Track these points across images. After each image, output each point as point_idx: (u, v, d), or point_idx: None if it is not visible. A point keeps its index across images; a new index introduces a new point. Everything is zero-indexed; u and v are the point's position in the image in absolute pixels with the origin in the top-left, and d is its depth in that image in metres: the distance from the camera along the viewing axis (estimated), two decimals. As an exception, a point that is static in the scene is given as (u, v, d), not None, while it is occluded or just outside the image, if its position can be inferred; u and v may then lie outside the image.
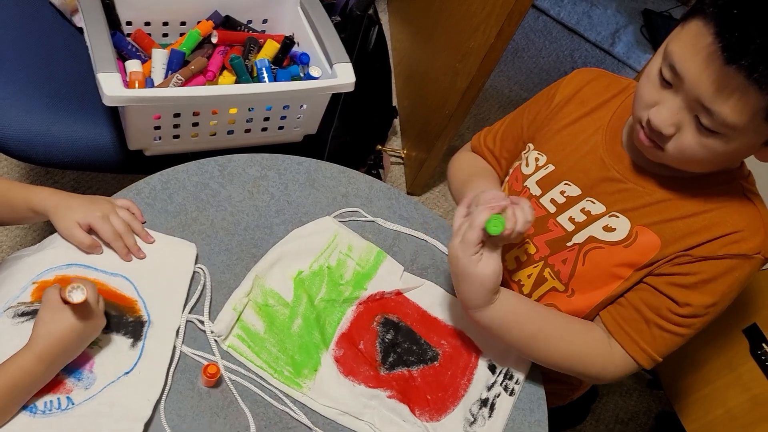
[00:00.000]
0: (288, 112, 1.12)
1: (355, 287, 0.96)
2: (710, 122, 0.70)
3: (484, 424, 0.89)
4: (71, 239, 0.86)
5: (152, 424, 0.78)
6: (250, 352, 0.87)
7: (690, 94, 0.71)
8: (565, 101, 0.95)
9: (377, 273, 0.98)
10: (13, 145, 1.09)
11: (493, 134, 1.08)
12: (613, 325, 0.88)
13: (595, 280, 0.90)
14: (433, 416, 0.88)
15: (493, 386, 0.92)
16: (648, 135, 0.78)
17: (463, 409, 0.89)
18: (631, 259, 0.86)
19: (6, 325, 0.79)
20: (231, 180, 1.02)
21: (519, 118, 1.04)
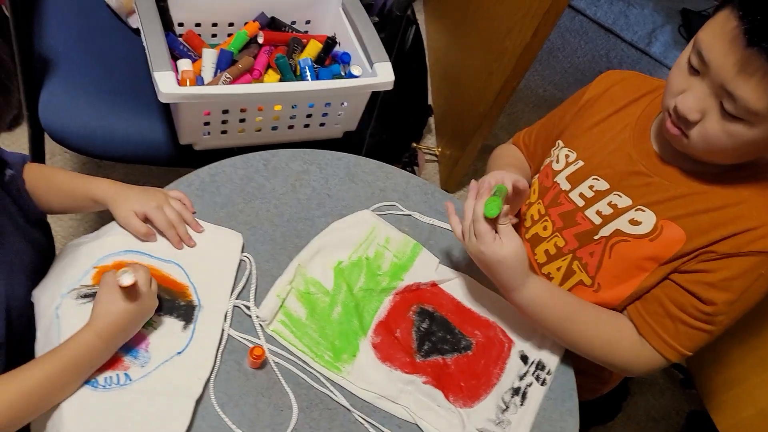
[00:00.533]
0: (329, 109, 1.16)
1: (392, 278, 1.00)
2: (733, 107, 0.73)
3: (516, 411, 0.92)
4: (128, 227, 0.92)
5: (202, 401, 0.83)
6: (292, 336, 0.91)
7: (715, 80, 0.74)
8: (594, 99, 0.98)
9: (413, 265, 1.02)
10: (74, 139, 1.16)
11: (530, 132, 1.13)
12: (639, 321, 0.90)
13: (621, 273, 0.92)
14: (467, 402, 0.91)
15: (524, 376, 0.95)
16: (674, 122, 0.81)
17: (495, 397, 0.92)
18: (656, 253, 0.88)
19: (70, 305, 0.85)
20: (275, 174, 1.07)
21: (552, 118, 1.08)
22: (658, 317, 0.88)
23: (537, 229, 1.03)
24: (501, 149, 1.18)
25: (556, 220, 0.99)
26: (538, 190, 1.04)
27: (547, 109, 1.12)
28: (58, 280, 0.88)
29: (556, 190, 0.99)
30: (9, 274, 0.85)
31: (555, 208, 0.99)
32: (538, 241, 1.02)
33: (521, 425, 0.91)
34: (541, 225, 1.02)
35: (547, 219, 1.01)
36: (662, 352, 0.88)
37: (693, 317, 0.86)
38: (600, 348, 0.92)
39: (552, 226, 1.00)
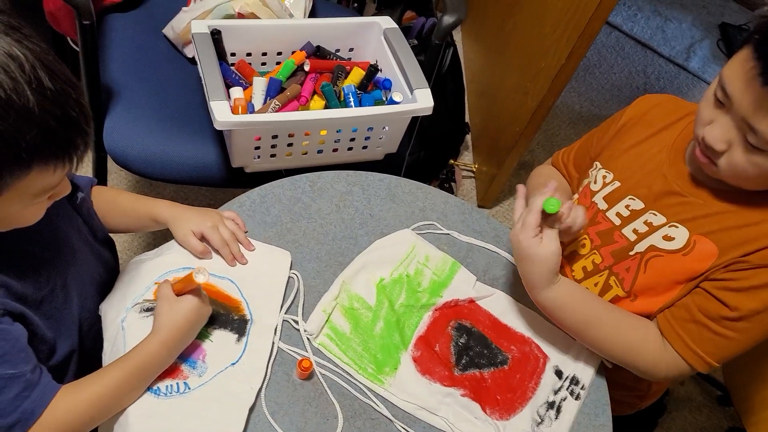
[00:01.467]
0: (371, 133, 1.22)
1: (432, 294, 1.05)
2: (756, 140, 0.77)
3: (551, 425, 0.95)
4: (186, 245, 0.99)
5: (254, 409, 0.88)
6: (337, 350, 0.96)
7: (737, 114, 0.78)
8: (631, 123, 1.02)
9: (452, 282, 1.06)
10: (135, 163, 1.24)
11: (568, 152, 1.17)
12: (664, 324, 0.93)
13: (657, 286, 0.95)
14: (503, 415, 0.95)
15: (559, 390, 0.99)
16: (703, 151, 0.85)
17: (530, 410, 0.96)
18: (689, 267, 0.91)
19: (134, 318, 0.91)
20: (320, 194, 1.13)
21: (591, 139, 1.12)
22: (683, 322, 0.91)
23: (575, 246, 1.06)
24: (541, 170, 1.22)
25: (594, 239, 1.03)
26: None
27: (583, 125, 1.16)
28: (123, 294, 0.95)
29: (594, 210, 1.03)
30: (81, 289, 0.93)
31: (593, 227, 1.03)
32: (576, 258, 1.06)
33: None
34: (579, 243, 1.05)
35: (585, 237, 1.04)
36: (685, 356, 0.90)
37: (716, 322, 0.88)
38: (622, 350, 0.94)
39: (590, 244, 1.03)
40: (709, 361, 0.90)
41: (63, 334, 0.89)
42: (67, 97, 0.68)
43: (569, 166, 1.16)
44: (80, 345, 0.93)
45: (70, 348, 0.91)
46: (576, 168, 1.15)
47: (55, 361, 0.88)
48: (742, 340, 0.89)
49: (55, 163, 0.70)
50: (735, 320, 0.87)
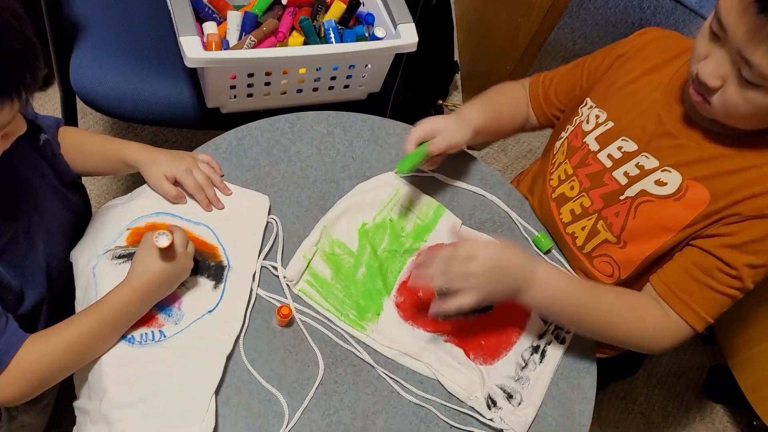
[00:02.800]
0: (353, 71, 1.17)
1: (416, 239, 1.02)
2: (750, 74, 0.73)
3: (535, 368, 0.94)
4: (159, 190, 0.95)
5: (233, 357, 0.87)
6: (318, 296, 0.94)
7: (732, 46, 0.74)
8: (627, 57, 0.97)
9: (437, 226, 1.04)
10: (105, 102, 1.18)
11: (551, 76, 1.11)
12: (664, 290, 0.89)
13: (646, 232, 0.92)
14: (487, 360, 0.94)
15: (544, 334, 0.97)
16: (696, 88, 0.81)
17: (515, 355, 0.95)
18: (680, 213, 0.88)
19: (106, 265, 0.89)
20: (300, 136, 1.09)
21: (580, 67, 1.06)
22: (684, 284, 0.88)
23: (564, 189, 1.03)
24: (503, 87, 1.15)
25: (583, 181, 1.00)
26: (566, 151, 1.04)
27: None
28: (94, 241, 0.92)
29: (584, 151, 0.99)
30: (47, 236, 0.89)
31: (583, 169, 1.00)
32: (564, 201, 1.03)
33: (540, 382, 0.94)
34: (568, 185, 1.02)
35: (574, 179, 1.01)
36: (688, 320, 0.87)
37: (718, 281, 0.86)
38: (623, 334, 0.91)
39: (579, 186, 1.00)
40: (709, 320, 0.88)
41: (30, 282, 0.86)
42: (9, 29, 0.64)
43: (550, 92, 1.09)
44: (50, 293, 0.91)
45: (39, 296, 0.88)
46: (558, 95, 1.09)
47: (24, 309, 0.86)
48: (739, 294, 0.87)
49: (3, 99, 0.66)
50: (737, 277, 0.85)
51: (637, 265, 0.95)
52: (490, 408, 0.90)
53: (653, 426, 1.71)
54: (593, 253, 1.01)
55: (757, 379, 1.48)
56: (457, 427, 0.89)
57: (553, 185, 1.06)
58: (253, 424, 0.84)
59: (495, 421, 0.89)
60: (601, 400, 0.98)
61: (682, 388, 1.78)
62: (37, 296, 0.88)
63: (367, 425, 0.87)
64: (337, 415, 0.87)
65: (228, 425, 0.83)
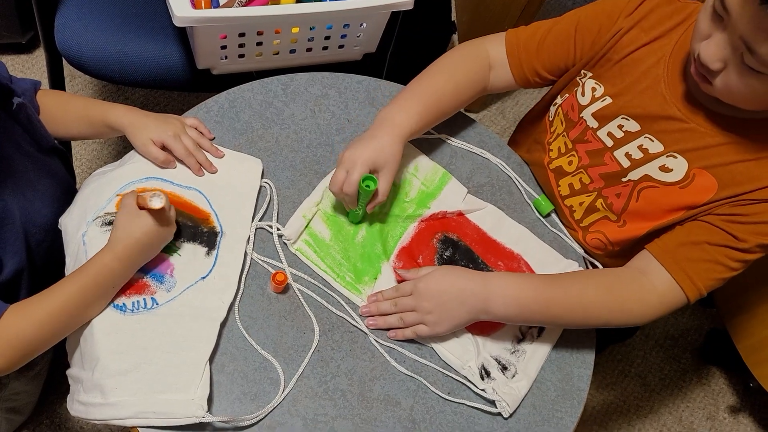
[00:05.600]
0: (348, 30, 1.13)
1: (419, 205, 1.00)
2: (752, 61, 0.70)
3: (532, 342, 0.92)
4: (147, 155, 0.92)
5: (228, 324, 0.86)
6: (315, 256, 0.93)
7: (735, 31, 0.70)
8: (627, 28, 0.90)
9: (441, 193, 1.01)
10: (91, 64, 1.15)
11: (536, 40, 0.98)
12: (663, 256, 0.86)
13: (648, 215, 0.90)
14: (484, 331, 0.92)
15: None
16: (698, 68, 0.78)
17: (513, 327, 0.93)
18: (685, 201, 0.86)
19: (95, 232, 0.87)
20: (294, 99, 1.06)
21: (571, 31, 0.96)
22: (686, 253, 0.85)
23: (562, 162, 1.00)
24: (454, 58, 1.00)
25: (582, 157, 0.96)
26: (564, 121, 0.99)
27: None
28: (83, 207, 0.90)
29: (582, 126, 0.95)
30: (24, 202, 0.87)
31: (582, 145, 0.96)
32: (562, 174, 1.00)
33: (536, 355, 0.92)
34: (566, 159, 0.99)
35: (573, 154, 0.98)
36: (684, 287, 0.85)
37: (719, 250, 0.84)
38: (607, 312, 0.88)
39: (578, 161, 0.97)
40: (703, 292, 0.86)
41: (7, 251, 0.84)
42: None
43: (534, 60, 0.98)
44: (30, 261, 0.89)
45: (19, 265, 0.87)
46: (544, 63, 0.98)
47: (3, 278, 0.85)
48: (738, 270, 0.85)
49: None
50: (740, 251, 0.83)
51: (633, 240, 0.93)
52: (483, 378, 0.88)
53: (650, 388, 1.72)
54: (590, 228, 0.99)
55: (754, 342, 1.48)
56: (448, 400, 0.88)
57: (552, 156, 1.02)
58: (248, 391, 0.83)
59: (487, 391, 0.87)
60: (598, 362, 0.96)
61: (680, 350, 1.78)
62: (16, 264, 0.86)
63: (364, 391, 0.86)
64: (334, 381, 0.86)
65: (223, 392, 0.82)
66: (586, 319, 0.89)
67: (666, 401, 1.72)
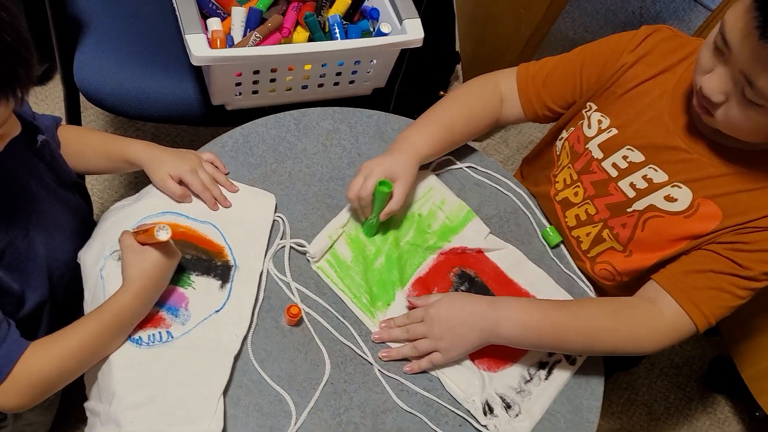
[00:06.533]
0: (359, 67, 1.16)
1: (440, 238, 1.02)
2: (752, 94, 0.72)
3: (539, 384, 0.93)
4: (165, 190, 0.94)
5: (242, 357, 0.87)
6: (335, 276, 0.95)
7: (735, 65, 0.73)
8: (631, 63, 0.93)
9: (464, 230, 1.03)
10: (109, 100, 1.17)
11: (543, 74, 1.02)
12: (670, 285, 0.87)
13: (654, 245, 0.91)
14: (491, 367, 0.93)
15: (554, 353, 0.95)
16: (700, 101, 0.80)
17: (521, 367, 0.93)
18: (690, 230, 0.87)
19: (113, 266, 0.88)
20: (306, 133, 1.08)
21: (577, 67, 0.99)
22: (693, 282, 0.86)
23: (568, 193, 1.02)
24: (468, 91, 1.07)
25: (588, 188, 0.98)
26: (570, 154, 1.02)
27: None
28: (101, 242, 0.91)
29: (588, 157, 0.97)
30: (47, 237, 0.89)
31: (587, 176, 0.98)
32: (569, 206, 1.02)
33: (542, 397, 0.92)
34: (572, 190, 1.01)
35: (578, 185, 1.00)
36: (693, 316, 0.85)
37: (729, 282, 0.84)
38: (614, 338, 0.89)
39: (583, 193, 0.99)
40: (711, 321, 0.86)
41: (31, 284, 0.86)
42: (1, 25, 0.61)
43: (543, 93, 1.02)
44: (52, 295, 0.90)
45: (41, 298, 0.88)
46: (553, 97, 1.02)
47: (25, 312, 0.86)
48: (745, 298, 0.86)
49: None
50: (745, 278, 0.84)
51: (641, 270, 0.94)
52: (486, 414, 0.89)
53: (655, 416, 1.72)
54: (597, 258, 1.00)
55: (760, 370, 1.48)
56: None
57: (558, 188, 1.04)
58: (263, 424, 0.84)
59: (489, 428, 0.88)
60: (604, 391, 0.97)
61: (685, 378, 1.78)
62: (38, 298, 0.88)
63: (376, 424, 0.87)
64: (347, 414, 0.87)
65: (239, 426, 0.83)
66: (594, 345, 0.90)
67: (671, 430, 1.71)
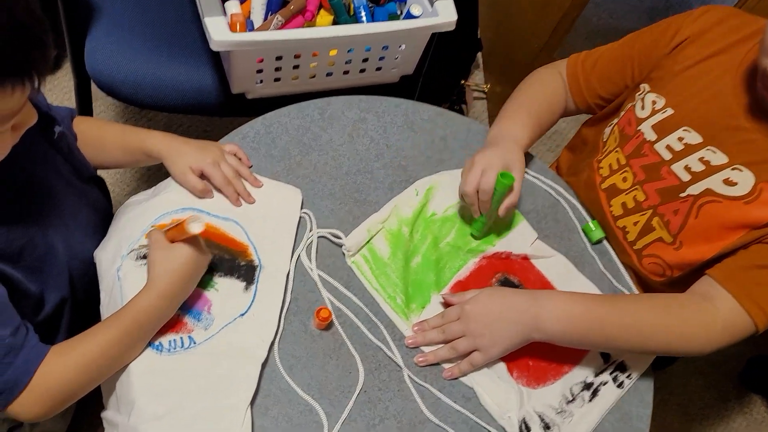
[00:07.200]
0: (387, 52, 1.09)
1: (484, 241, 0.96)
2: None
3: (582, 405, 0.86)
4: (185, 184, 0.89)
5: (269, 364, 0.82)
6: (370, 273, 0.90)
7: None
8: (688, 42, 0.88)
9: (510, 233, 0.97)
10: (123, 89, 1.11)
11: (591, 57, 1.00)
12: (728, 281, 0.81)
13: (707, 234, 0.85)
14: (530, 383, 0.87)
15: (601, 373, 0.89)
16: (765, 83, 0.74)
17: (563, 385, 0.87)
18: (750, 217, 0.80)
19: (130, 266, 0.83)
20: (331, 123, 1.02)
21: (628, 51, 0.96)
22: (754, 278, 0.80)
23: (615, 179, 0.96)
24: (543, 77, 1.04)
25: (637, 173, 0.92)
26: (618, 138, 0.96)
27: (601, 39, 1.01)
28: (117, 240, 0.86)
29: (639, 140, 0.92)
30: (66, 235, 0.83)
31: (637, 159, 0.92)
32: (615, 193, 0.96)
33: (584, 421, 0.85)
34: (620, 176, 0.95)
35: (627, 170, 0.94)
36: (753, 315, 0.79)
37: None
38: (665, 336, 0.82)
39: (633, 178, 0.93)
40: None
41: (50, 285, 0.80)
42: (13, 2, 0.56)
43: (592, 79, 1.00)
44: (72, 296, 0.85)
45: (61, 299, 0.83)
46: (603, 83, 0.99)
47: (44, 314, 0.81)
48: None
49: (12, 82, 0.58)
50: None
51: (693, 264, 0.87)
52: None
53: (690, 417, 1.66)
54: (643, 251, 0.94)
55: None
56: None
57: (603, 175, 0.99)
58: (294, 436, 0.78)
59: None
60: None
61: (720, 377, 1.72)
62: (57, 300, 0.82)
63: (414, 435, 0.81)
64: (383, 425, 0.81)
65: (267, 438, 0.78)
66: (643, 343, 0.83)
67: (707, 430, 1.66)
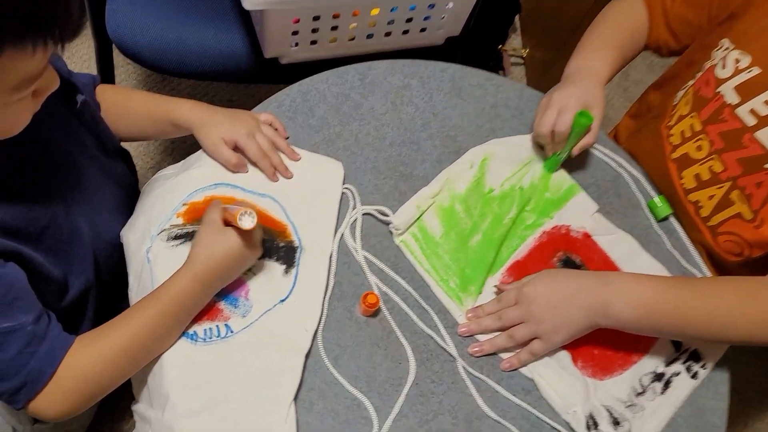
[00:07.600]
0: (433, 11, 1.01)
1: (541, 214, 0.88)
2: None
3: (654, 398, 0.79)
4: (218, 157, 0.82)
5: (312, 354, 0.75)
6: (420, 253, 0.83)
7: None
8: None
9: (567, 204, 0.89)
10: (147, 54, 1.04)
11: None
12: None
13: None
14: (597, 373, 0.79)
15: (673, 363, 0.81)
16: None
17: (631, 376, 0.80)
18: None
19: (161, 248, 0.76)
20: (372, 90, 0.94)
21: None
22: None
23: (688, 148, 0.87)
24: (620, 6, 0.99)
25: (715, 140, 0.83)
26: (692, 101, 0.87)
27: None
28: (146, 219, 0.79)
29: (718, 103, 0.83)
30: (91, 215, 0.77)
31: (715, 126, 0.83)
32: (688, 164, 0.87)
33: (656, 415, 0.78)
34: (694, 144, 0.86)
35: (702, 137, 0.85)
36: None
37: None
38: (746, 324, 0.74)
39: (709, 146, 0.84)
40: None
41: (75, 269, 0.74)
42: None
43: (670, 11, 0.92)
44: (98, 280, 0.79)
45: (86, 284, 0.77)
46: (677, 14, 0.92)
47: (68, 300, 0.75)
48: None
49: (33, 41, 0.52)
50: None
51: None
52: (590, 429, 0.76)
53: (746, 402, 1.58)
54: (719, 228, 0.85)
55: None
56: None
57: (674, 143, 0.89)
58: None
59: None
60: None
61: (774, 360, 1.64)
62: (82, 285, 0.76)
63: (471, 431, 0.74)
64: (437, 420, 0.74)
65: (313, 435, 0.71)
66: (723, 332, 0.75)
67: (763, 415, 1.58)
